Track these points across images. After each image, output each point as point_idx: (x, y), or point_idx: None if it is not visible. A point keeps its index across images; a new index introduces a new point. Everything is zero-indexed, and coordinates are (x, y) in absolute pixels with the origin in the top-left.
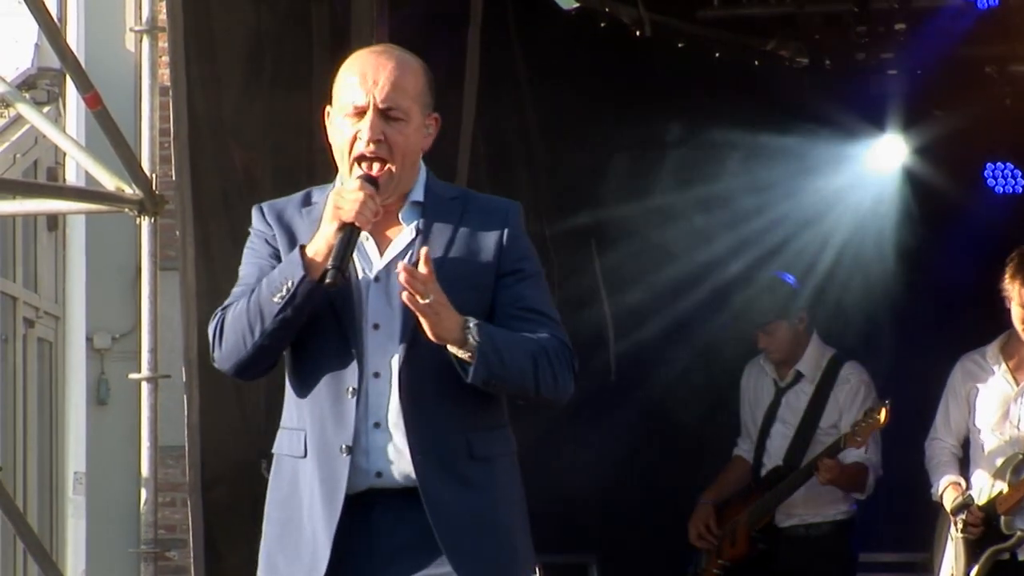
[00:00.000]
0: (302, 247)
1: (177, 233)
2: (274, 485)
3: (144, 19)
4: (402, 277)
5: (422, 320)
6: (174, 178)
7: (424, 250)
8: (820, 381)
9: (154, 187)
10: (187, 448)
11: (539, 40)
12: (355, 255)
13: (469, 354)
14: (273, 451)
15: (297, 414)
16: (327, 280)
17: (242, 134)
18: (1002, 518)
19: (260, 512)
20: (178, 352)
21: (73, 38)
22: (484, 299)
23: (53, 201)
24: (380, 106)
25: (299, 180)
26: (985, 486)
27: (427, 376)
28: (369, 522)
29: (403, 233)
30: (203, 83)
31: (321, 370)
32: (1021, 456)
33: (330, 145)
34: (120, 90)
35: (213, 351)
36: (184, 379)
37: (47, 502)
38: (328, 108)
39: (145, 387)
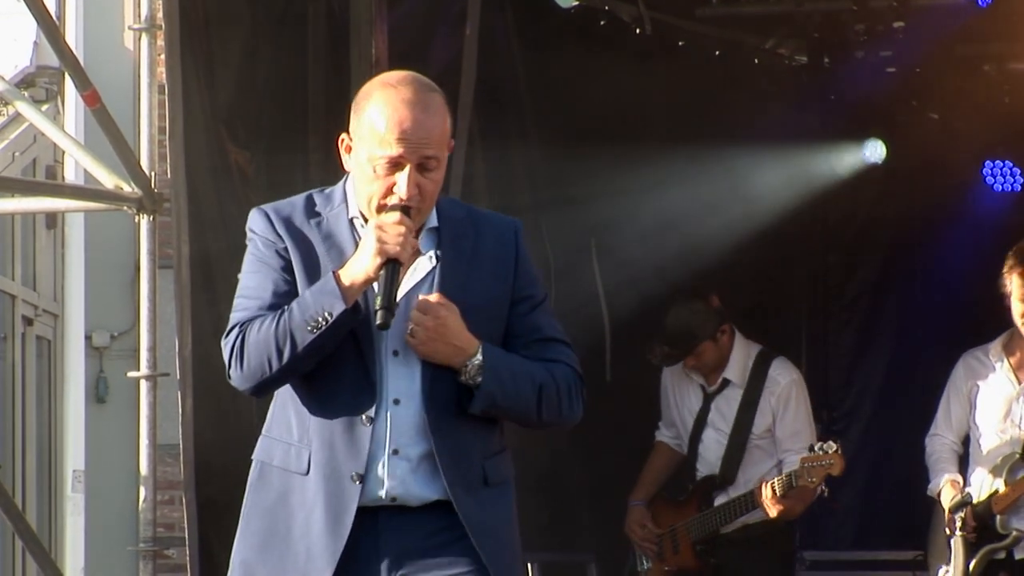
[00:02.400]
0: (335, 274)
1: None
2: (258, 493)
3: (143, 17)
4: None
5: (424, 350)
6: (169, 176)
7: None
8: (748, 385)
9: (153, 185)
10: (181, 445)
11: (538, 38)
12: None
13: (473, 382)
14: (255, 458)
15: (299, 430)
16: (378, 322)
17: (236, 132)
18: (998, 517)
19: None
20: (176, 350)
21: (72, 36)
22: (503, 326)
23: (52, 199)
24: (418, 161)
25: (294, 179)
26: (983, 484)
27: (447, 403)
28: (376, 531)
29: (421, 261)
30: (198, 81)
31: (335, 393)
32: (1018, 455)
33: (341, 162)
34: (119, 88)
35: (230, 369)
36: (179, 376)
37: (46, 500)
38: (344, 136)
39: (144, 385)
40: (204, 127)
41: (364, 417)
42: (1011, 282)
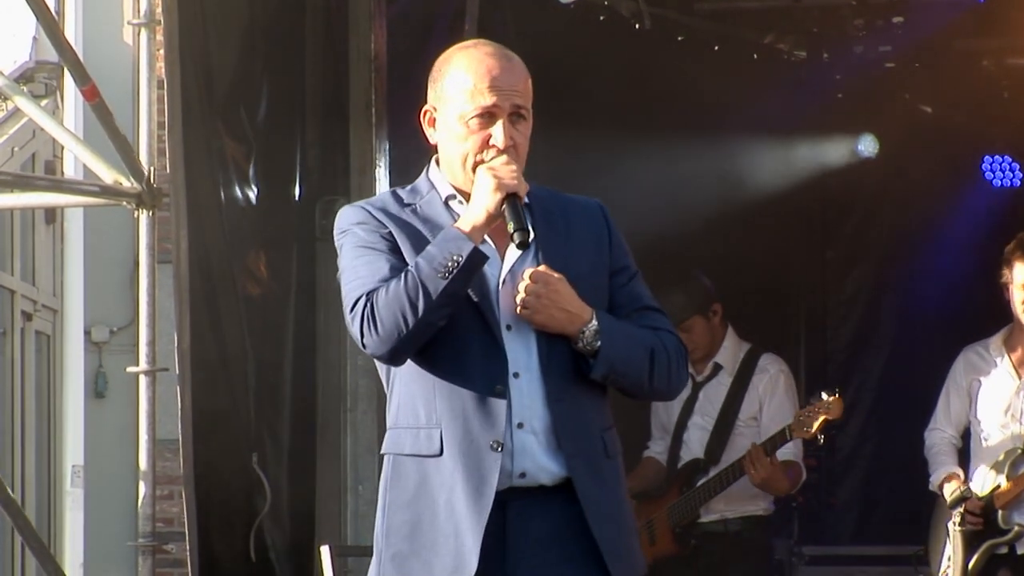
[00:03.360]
0: (454, 225)
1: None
2: (396, 486)
3: (142, 12)
4: (522, 286)
5: (540, 318)
6: (168, 171)
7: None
8: (738, 372)
9: (152, 180)
10: (180, 440)
11: (537, 33)
12: None
13: (591, 347)
14: (384, 452)
15: (426, 412)
16: (517, 241)
17: (234, 127)
18: (1000, 512)
19: (252, 505)
20: (175, 345)
21: (71, 31)
22: (606, 297)
23: (51, 194)
24: (511, 110)
25: (290, 174)
26: (984, 480)
27: (566, 376)
28: (503, 519)
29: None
30: (196, 76)
31: (464, 367)
32: (1020, 450)
33: (429, 143)
34: (118, 83)
35: (363, 337)
36: (178, 371)
37: (45, 495)
38: (426, 109)
39: (143, 380)
40: (202, 122)
41: (497, 387)
42: (1012, 270)
